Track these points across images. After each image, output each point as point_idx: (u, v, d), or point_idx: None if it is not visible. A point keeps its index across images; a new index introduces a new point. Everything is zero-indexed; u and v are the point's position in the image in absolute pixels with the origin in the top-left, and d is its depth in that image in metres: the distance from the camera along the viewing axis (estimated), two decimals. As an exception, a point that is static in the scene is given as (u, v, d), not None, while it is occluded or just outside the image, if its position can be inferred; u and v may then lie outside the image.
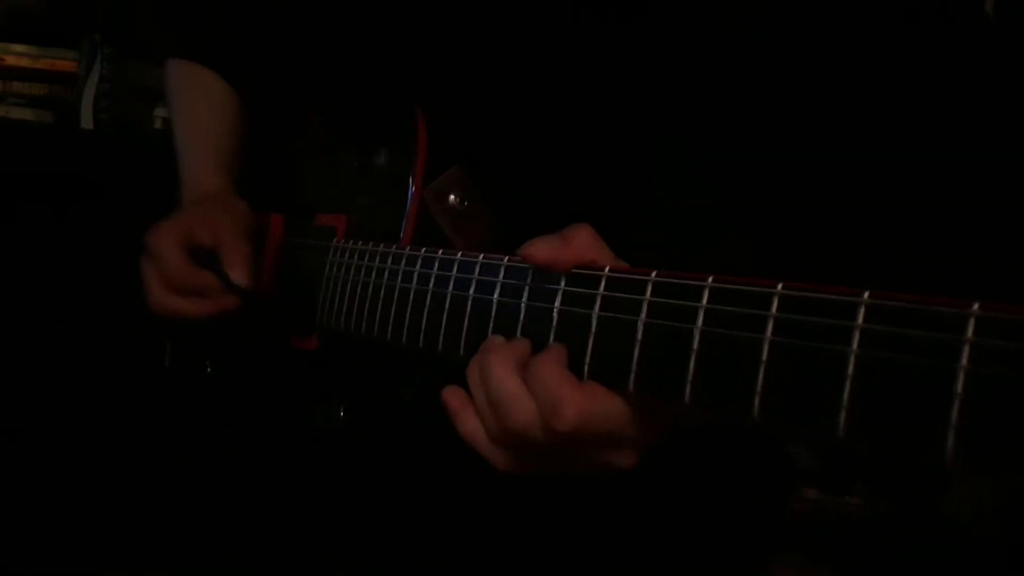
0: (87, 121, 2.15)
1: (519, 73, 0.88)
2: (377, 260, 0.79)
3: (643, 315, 0.52)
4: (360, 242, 0.85)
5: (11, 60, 2.18)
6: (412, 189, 0.85)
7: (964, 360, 0.36)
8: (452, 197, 0.84)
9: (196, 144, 1.08)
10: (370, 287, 0.80)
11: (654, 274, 0.52)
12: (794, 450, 2.11)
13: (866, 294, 0.40)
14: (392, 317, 0.75)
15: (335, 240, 0.91)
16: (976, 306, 0.36)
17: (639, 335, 0.52)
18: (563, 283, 0.58)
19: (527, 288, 0.61)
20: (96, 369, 1.90)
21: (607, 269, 0.56)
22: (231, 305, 0.92)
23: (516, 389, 0.58)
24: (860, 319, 0.40)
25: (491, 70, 0.89)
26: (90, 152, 2.16)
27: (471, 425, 0.63)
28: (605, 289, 0.55)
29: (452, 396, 0.65)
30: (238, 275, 0.90)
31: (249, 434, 1.00)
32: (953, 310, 0.36)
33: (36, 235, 2.09)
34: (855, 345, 0.40)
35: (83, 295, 2.04)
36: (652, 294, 0.52)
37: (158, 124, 2.17)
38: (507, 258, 0.64)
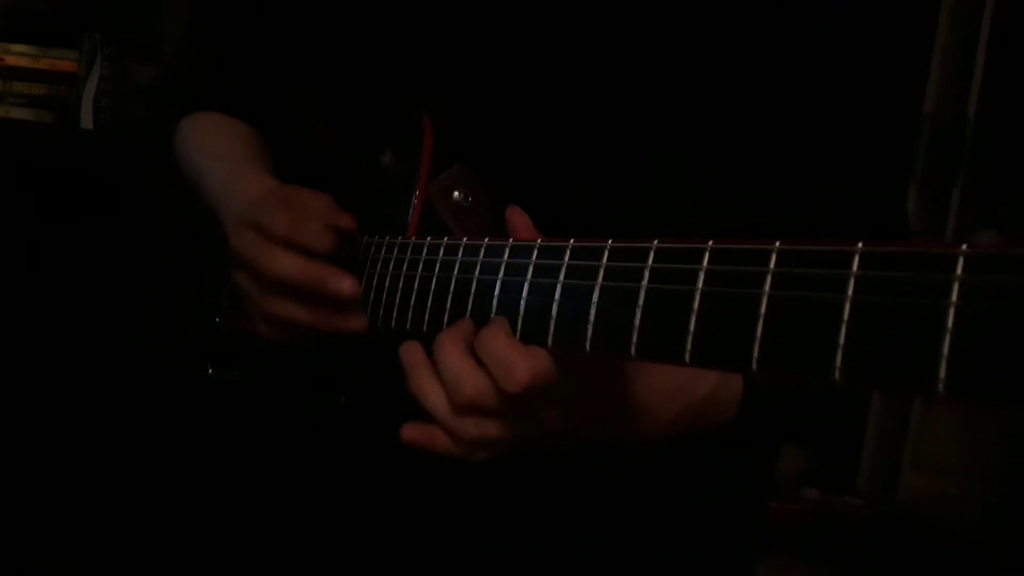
0: (87, 121, 2.16)
1: (519, 73, 0.88)
2: (383, 251, 0.80)
3: (645, 281, 0.53)
4: (366, 236, 0.85)
5: (11, 60, 2.19)
6: (418, 184, 0.86)
7: (954, 296, 0.37)
8: (457, 193, 0.84)
9: (241, 165, 0.97)
10: (375, 278, 0.80)
11: (656, 242, 0.54)
12: (792, 451, 2.12)
13: (860, 244, 0.41)
14: (397, 304, 0.76)
15: None
16: (964, 246, 0.37)
17: (641, 300, 0.53)
18: (567, 258, 0.60)
19: (531, 266, 0.63)
20: (96, 366, 1.91)
21: (610, 241, 0.57)
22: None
23: (464, 363, 0.63)
24: (855, 267, 0.41)
25: (491, 69, 0.90)
26: (90, 152, 2.17)
27: (431, 400, 0.67)
28: (608, 260, 0.57)
29: (407, 353, 0.69)
30: (348, 285, 0.79)
31: (249, 424, 1.00)
32: (943, 251, 0.37)
33: (36, 235, 2.10)
34: (850, 291, 0.40)
35: (83, 294, 2.05)
36: (654, 260, 0.53)
37: (158, 124, 2.17)
38: (511, 240, 0.67)
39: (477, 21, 0.91)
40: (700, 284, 0.48)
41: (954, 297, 0.37)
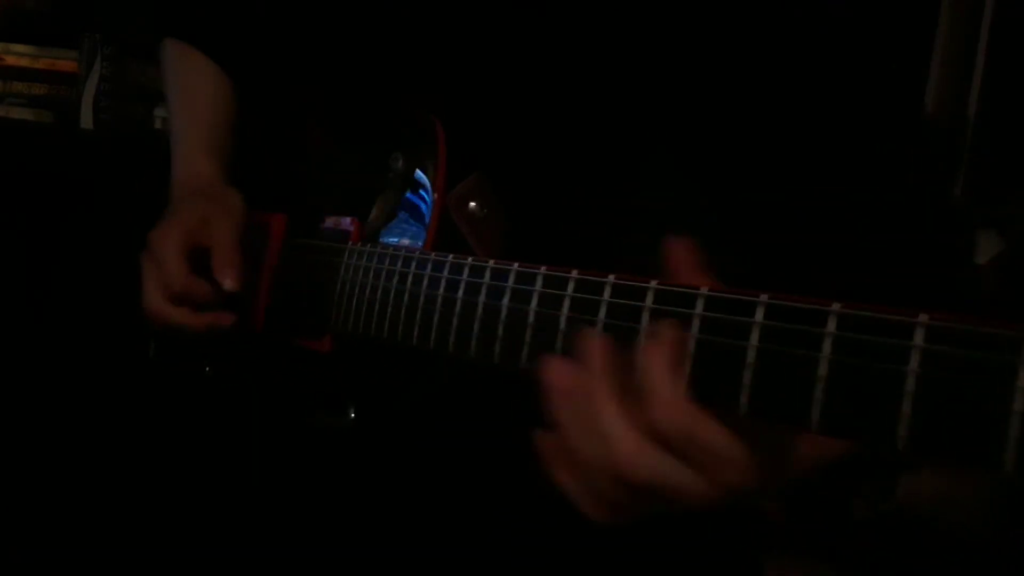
0: (87, 121, 2.15)
1: (530, 82, 0.88)
2: (400, 264, 0.79)
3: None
4: (380, 246, 0.84)
5: (11, 60, 2.17)
6: (435, 196, 0.85)
7: (1020, 381, 0.37)
8: (472, 204, 0.83)
9: (189, 126, 1.09)
10: (391, 292, 0.79)
11: (705, 290, 0.53)
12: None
13: (925, 316, 0.41)
14: (418, 322, 0.75)
15: (349, 242, 0.90)
16: None
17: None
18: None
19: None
20: (93, 368, 1.90)
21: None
22: (224, 323, 0.96)
23: (667, 463, 0.51)
24: (920, 340, 0.40)
25: (503, 78, 0.89)
26: (90, 152, 2.16)
27: (571, 483, 0.57)
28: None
29: (546, 443, 0.57)
30: (229, 281, 0.93)
31: (252, 436, 1.00)
32: (1009, 333, 0.37)
33: (36, 235, 2.09)
34: (915, 365, 0.40)
35: (82, 295, 2.04)
36: (703, 308, 0.52)
37: (158, 124, 2.16)
38: (544, 267, 0.64)
39: (476, 28, 0.91)
40: (755, 341, 0.48)
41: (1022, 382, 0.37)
